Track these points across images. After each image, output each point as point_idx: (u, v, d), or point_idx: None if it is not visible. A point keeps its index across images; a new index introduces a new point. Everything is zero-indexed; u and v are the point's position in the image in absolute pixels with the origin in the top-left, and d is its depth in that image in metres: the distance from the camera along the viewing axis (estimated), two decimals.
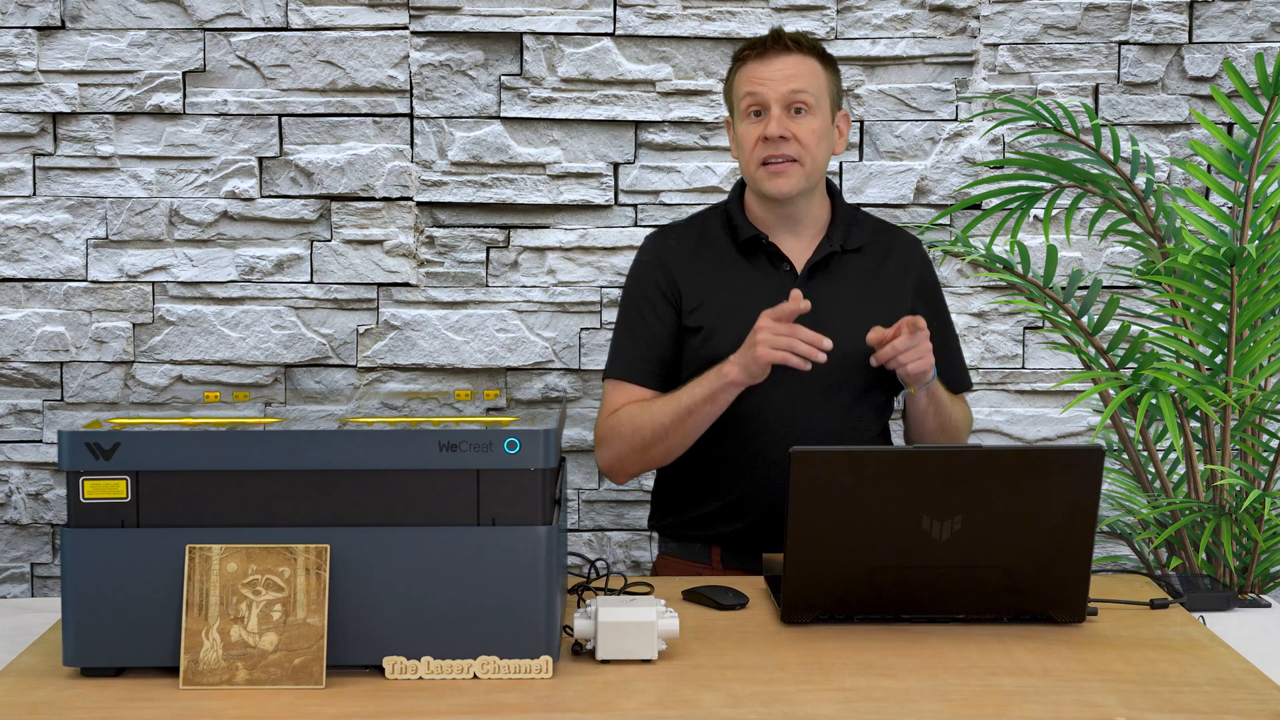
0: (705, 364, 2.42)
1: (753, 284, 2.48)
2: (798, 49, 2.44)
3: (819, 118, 2.44)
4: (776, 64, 2.43)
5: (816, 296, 2.42)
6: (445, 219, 3.19)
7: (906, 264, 2.56)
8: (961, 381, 2.62)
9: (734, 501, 2.47)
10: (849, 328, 2.42)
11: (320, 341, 3.18)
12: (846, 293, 2.48)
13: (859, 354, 2.42)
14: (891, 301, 2.49)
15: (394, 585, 1.75)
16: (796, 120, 2.42)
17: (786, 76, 2.42)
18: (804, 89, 2.42)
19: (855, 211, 2.59)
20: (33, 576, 3.20)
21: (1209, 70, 3.14)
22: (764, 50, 2.44)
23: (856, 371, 2.44)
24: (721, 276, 2.49)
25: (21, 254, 3.14)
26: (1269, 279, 2.42)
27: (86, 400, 3.17)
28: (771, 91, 2.41)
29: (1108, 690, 1.73)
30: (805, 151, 2.42)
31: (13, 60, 3.10)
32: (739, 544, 2.49)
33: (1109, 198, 2.64)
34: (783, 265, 2.48)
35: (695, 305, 2.49)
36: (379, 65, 3.13)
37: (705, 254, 2.52)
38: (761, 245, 2.49)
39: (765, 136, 2.40)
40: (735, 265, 2.50)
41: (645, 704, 1.68)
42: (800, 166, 2.42)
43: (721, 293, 2.48)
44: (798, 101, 2.42)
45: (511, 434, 1.75)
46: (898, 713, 1.66)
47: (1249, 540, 2.47)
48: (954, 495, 1.91)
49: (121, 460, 1.74)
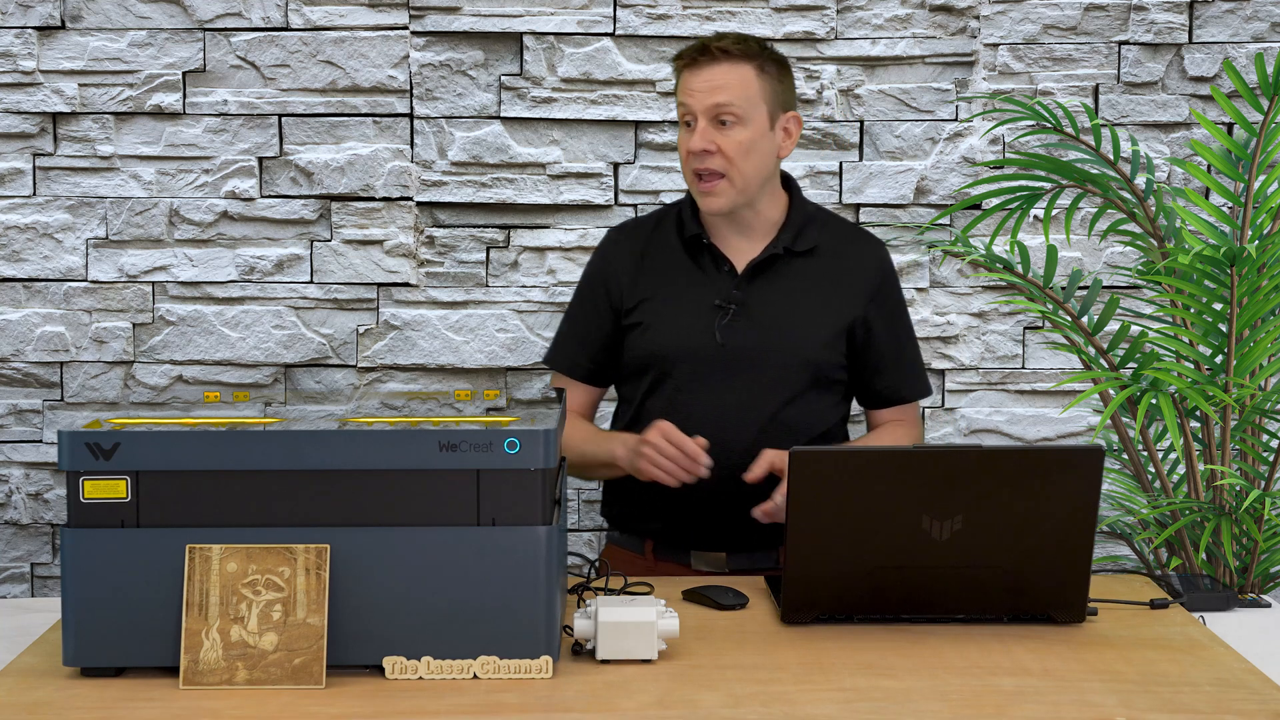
0: (644, 358, 2.46)
1: (695, 283, 2.48)
2: (727, 57, 2.39)
3: (749, 128, 2.39)
4: (704, 74, 2.39)
5: (756, 297, 2.45)
6: (445, 219, 3.19)
7: (861, 268, 2.51)
8: (914, 389, 2.57)
9: (662, 497, 2.47)
10: (788, 329, 2.44)
11: (320, 341, 3.18)
12: (789, 294, 2.46)
13: (798, 356, 2.43)
14: (838, 304, 2.47)
15: (394, 585, 1.75)
16: (722, 132, 2.39)
17: (712, 88, 2.38)
18: (729, 101, 2.37)
19: (818, 212, 2.55)
20: (33, 576, 3.21)
21: (1209, 70, 3.14)
22: (693, 60, 2.41)
23: (794, 372, 2.43)
24: (665, 275, 2.50)
25: (21, 254, 3.14)
26: (1269, 279, 2.43)
27: (86, 400, 3.17)
28: (697, 103, 2.39)
29: (1108, 690, 1.73)
30: (730, 165, 2.39)
31: (13, 60, 3.10)
32: (670, 538, 2.50)
33: (1109, 198, 2.64)
34: (724, 266, 2.48)
35: (636, 302, 2.50)
36: (379, 65, 3.13)
37: (653, 252, 2.53)
38: (704, 245, 2.49)
39: (690, 150, 2.40)
40: (680, 264, 2.50)
41: (645, 704, 1.68)
42: (729, 183, 2.40)
43: (663, 291, 2.49)
44: (723, 113, 2.38)
45: (511, 434, 1.75)
46: (898, 713, 1.66)
47: (1249, 540, 2.47)
48: (954, 495, 1.91)
49: (121, 460, 1.74)
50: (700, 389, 2.43)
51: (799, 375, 2.43)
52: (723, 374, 2.42)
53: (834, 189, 3.17)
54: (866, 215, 3.18)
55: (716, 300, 2.45)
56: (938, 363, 3.19)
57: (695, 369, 2.44)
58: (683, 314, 2.45)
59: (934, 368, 3.20)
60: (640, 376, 2.49)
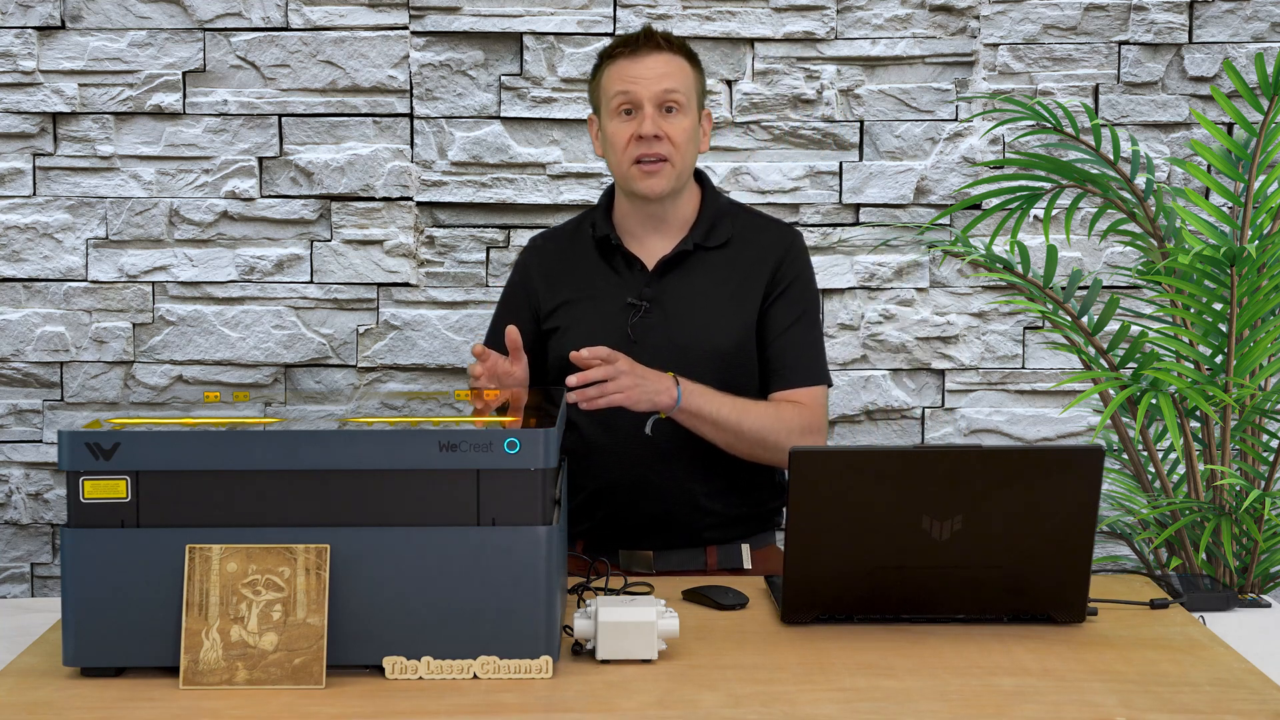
0: (561, 360, 2.42)
1: (608, 285, 2.49)
2: (669, 47, 2.44)
3: (688, 117, 2.43)
4: (649, 62, 2.42)
5: (668, 294, 2.46)
6: (445, 219, 3.19)
7: (766, 256, 2.50)
8: (807, 375, 2.48)
9: (587, 498, 2.48)
10: (699, 323, 2.44)
11: (320, 341, 3.18)
12: (701, 289, 2.47)
13: (710, 349, 2.43)
14: (741, 295, 2.47)
15: (394, 585, 1.75)
16: (668, 119, 2.41)
17: (659, 75, 2.41)
18: (676, 88, 2.41)
19: (731, 206, 2.56)
20: (33, 576, 3.21)
21: (1209, 70, 3.14)
22: (636, 48, 2.43)
23: (707, 365, 2.42)
24: (580, 279, 2.51)
25: (21, 254, 3.14)
26: (1269, 279, 2.43)
27: (86, 400, 3.17)
28: (645, 90, 2.40)
29: (1108, 690, 1.73)
30: (676, 151, 2.41)
31: (13, 60, 3.10)
32: (595, 539, 2.50)
33: (1109, 198, 2.64)
34: (635, 265, 2.49)
35: (554, 307, 2.51)
36: (379, 65, 3.13)
37: (570, 257, 2.54)
38: (614, 246, 2.50)
39: (640, 135, 2.40)
40: (594, 267, 2.52)
41: (645, 704, 1.68)
42: (671, 166, 2.42)
43: (579, 295, 2.50)
44: (670, 100, 2.41)
45: (511, 434, 1.75)
46: (898, 713, 1.66)
47: (1249, 540, 2.47)
48: (954, 495, 1.91)
49: (121, 460, 1.74)
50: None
51: (712, 368, 2.42)
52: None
53: (834, 189, 3.17)
54: (866, 215, 3.18)
55: (629, 299, 2.46)
56: (938, 363, 3.19)
57: None
58: (596, 315, 2.47)
59: (934, 368, 3.20)
60: (561, 379, 2.48)
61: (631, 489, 2.44)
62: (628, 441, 2.42)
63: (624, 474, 2.44)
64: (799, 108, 3.16)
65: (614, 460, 2.45)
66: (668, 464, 2.43)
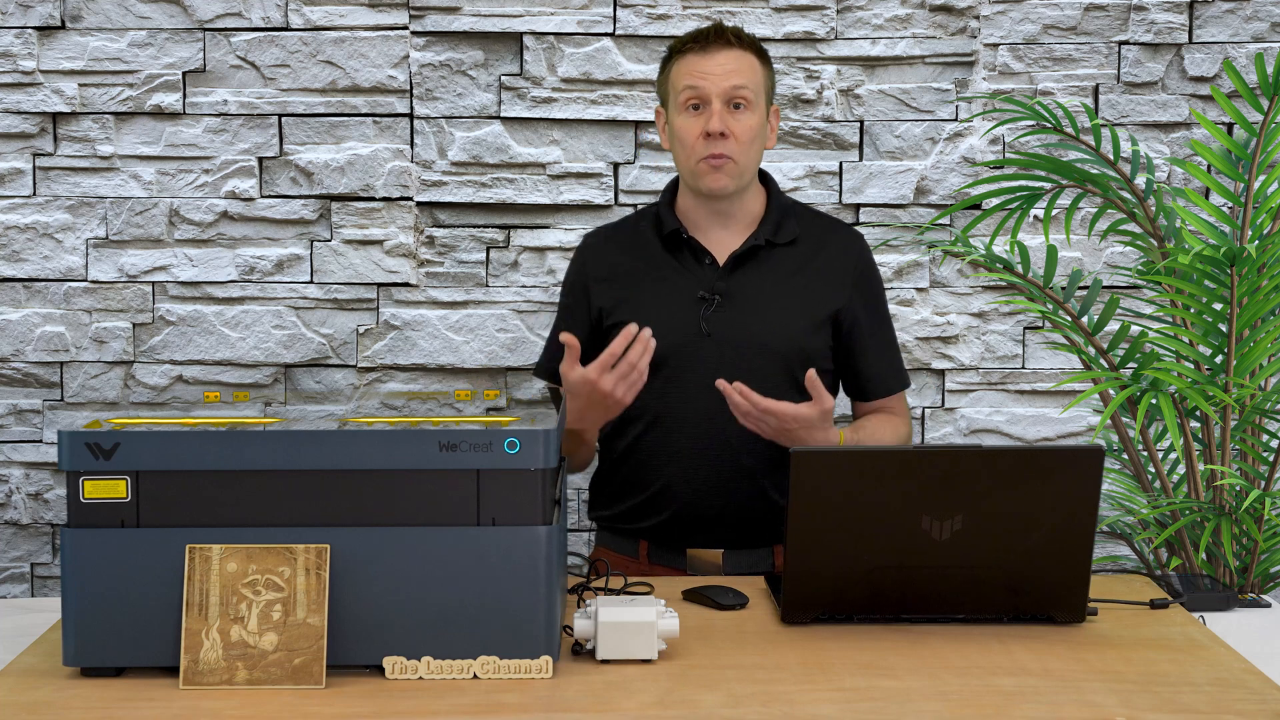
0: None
1: (677, 277, 2.49)
2: (739, 44, 2.43)
3: (756, 114, 2.43)
4: (719, 58, 2.41)
5: (739, 287, 2.46)
6: (445, 219, 3.19)
7: (843, 256, 2.53)
8: (893, 382, 2.57)
9: (655, 494, 2.48)
10: (773, 317, 2.45)
11: (320, 341, 3.18)
12: (773, 283, 2.48)
13: (784, 342, 2.44)
14: (821, 293, 2.49)
15: (394, 585, 1.75)
16: (735, 116, 2.41)
17: (728, 71, 2.41)
18: (744, 84, 2.41)
19: (794, 205, 2.58)
20: (33, 576, 3.21)
21: (1209, 70, 3.14)
22: (706, 43, 2.42)
23: (776, 363, 2.43)
24: (645, 273, 2.51)
25: (21, 254, 3.14)
26: (1269, 279, 2.42)
27: (86, 400, 3.17)
28: (713, 86, 2.40)
29: (1108, 690, 1.73)
30: (741, 149, 2.41)
31: (13, 60, 3.10)
32: (662, 538, 2.50)
33: (1109, 198, 2.64)
34: (705, 259, 2.49)
35: (617, 302, 2.50)
36: (379, 65, 3.13)
37: (632, 252, 2.54)
38: (684, 240, 2.50)
39: (707, 132, 2.40)
40: (660, 261, 2.51)
41: (645, 704, 1.68)
42: (735, 164, 2.42)
43: (645, 288, 2.50)
44: (738, 97, 2.41)
45: (511, 434, 1.75)
46: (898, 713, 1.66)
47: (1249, 540, 2.47)
48: (954, 495, 1.91)
49: (121, 460, 1.74)
50: (689, 381, 2.43)
51: (786, 362, 2.44)
52: (710, 364, 2.42)
53: (834, 189, 3.17)
54: (866, 215, 3.18)
55: (700, 292, 2.46)
56: (938, 363, 3.19)
57: (682, 361, 2.44)
58: (667, 307, 2.46)
59: (934, 368, 3.20)
60: None
61: (696, 490, 2.43)
62: (688, 442, 2.43)
63: (687, 475, 2.43)
64: (799, 108, 3.16)
65: (677, 462, 2.45)
66: (736, 458, 2.42)
